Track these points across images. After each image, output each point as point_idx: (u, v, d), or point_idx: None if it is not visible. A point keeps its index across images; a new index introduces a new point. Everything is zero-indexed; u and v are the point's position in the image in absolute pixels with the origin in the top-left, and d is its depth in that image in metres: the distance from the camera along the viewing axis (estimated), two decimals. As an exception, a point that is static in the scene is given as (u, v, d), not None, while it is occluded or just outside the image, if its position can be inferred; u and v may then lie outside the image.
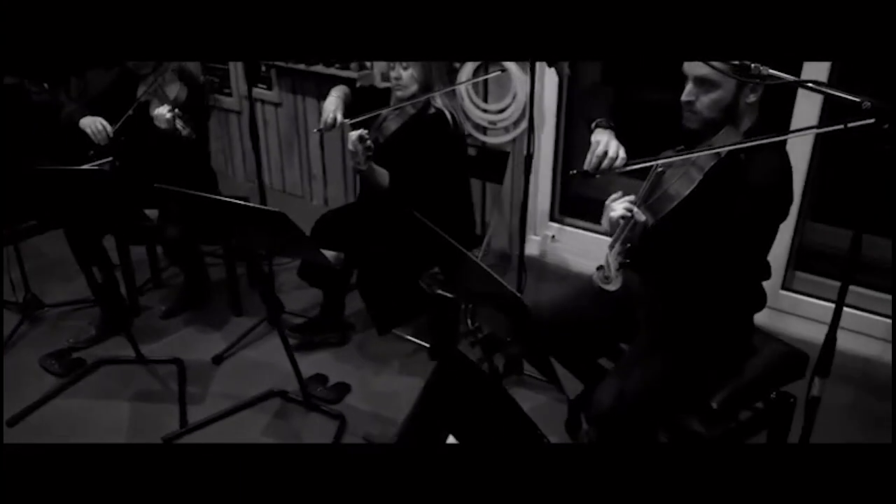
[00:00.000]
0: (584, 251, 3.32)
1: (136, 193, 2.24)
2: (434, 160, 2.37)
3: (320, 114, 2.53)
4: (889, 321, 2.62)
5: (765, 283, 1.87)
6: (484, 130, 3.28)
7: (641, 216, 1.50)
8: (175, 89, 2.71)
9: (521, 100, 3.13)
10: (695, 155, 1.65)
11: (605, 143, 1.73)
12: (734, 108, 1.67)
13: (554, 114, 3.20)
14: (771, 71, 1.46)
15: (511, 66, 3.06)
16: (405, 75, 2.35)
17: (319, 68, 3.62)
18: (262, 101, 4.12)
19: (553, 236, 3.39)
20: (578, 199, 3.48)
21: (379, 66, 3.50)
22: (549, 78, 3.12)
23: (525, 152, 2.64)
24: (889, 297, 2.63)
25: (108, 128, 2.61)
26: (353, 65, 3.52)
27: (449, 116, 2.42)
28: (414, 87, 2.38)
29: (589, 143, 1.78)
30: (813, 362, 1.56)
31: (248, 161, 4.40)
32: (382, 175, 2.30)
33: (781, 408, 1.92)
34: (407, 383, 2.61)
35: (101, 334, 2.83)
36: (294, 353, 2.35)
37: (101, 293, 2.79)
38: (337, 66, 3.56)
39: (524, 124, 3.17)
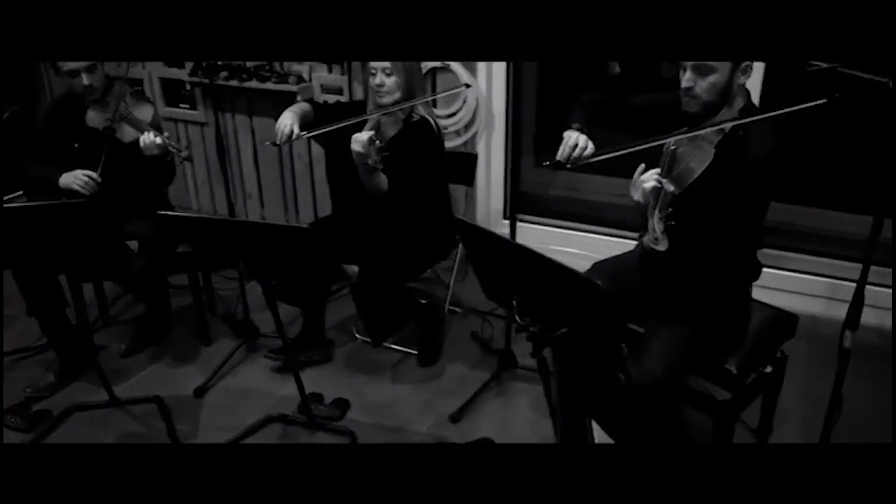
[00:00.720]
0: (541, 245, 3.42)
1: (117, 224, 2.10)
2: (427, 164, 2.39)
3: (253, 131, 2.48)
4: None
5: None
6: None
7: (670, 186, 1.64)
8: (147, 111, 2.57)
9: (470, 104, 3.20)
10: (704, 131, 1.79)
11: (575, 137, 1.91)
12: (729, 89, 1.82)
13: (503, 115, 3.28)
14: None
15: (459, 70, 3.13)
16: (389, 82, 2.35)
17: (253, 84, 3.52)
18: (186, 122, 3.95)
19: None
20: (528, 197, 3.61)
21: (318, 79, 3.45)
22: (496, 80, 3.21)
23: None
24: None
25: (94, 175, 2.45)
26: (291, 78, 3.45)
27: (433, 123, 2.45)
28: (397, 94, 2.38)
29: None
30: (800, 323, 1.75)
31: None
32: (382, 179, 2.29)
33: (779, 366, 2.10)
34: (403, 391, 2.60)
35: (61, 380, 2.62)
36: (288, 375, 2.29)
37: (58, 335, 2.59)
38: (273, 80, 3.48)
39: (475, 127, 3.26)
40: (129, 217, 2.57)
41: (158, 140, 2.42)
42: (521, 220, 3.51)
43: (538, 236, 3.47)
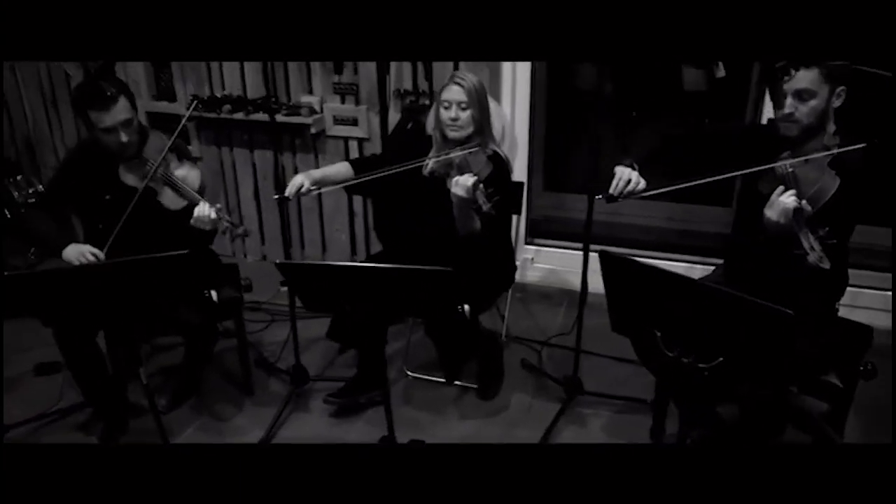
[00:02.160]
0: (562, 268, 3.46)
1: (206, 274, 1.97)
2: (510, 197, 2.37)
3: (254, 165, 2.43)
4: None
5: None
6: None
7: (808, 206, 1.74)
8: (193, 174, 2.39)
9: (497, 130, 3.20)
10: (815, 157, 1.89)
11: (627, 173, 2.01)
12: (826, 113, 1.93)
13: (526, 142, 3.31)
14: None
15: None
16: (464, 116, 2.32)
17: (260, 116, 3.39)
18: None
19: (532, 259, 3.50)
20: (543, 222, 3.64)
21: (330, 110, 3.37)
22: (519, 107, 3.23)
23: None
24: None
25: (100, 256, 2.25)
26: (303, 110, 3.35)
27: (502, 153, 2.44)
28: (470, 129, 2.36)
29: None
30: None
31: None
32: (476, 219, 2.24)
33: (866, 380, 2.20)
34: (474, 427, 2.55)
35: (105, 441, 2.41)
36: (350, 419, 2.22)
37: (102, 396, 2.39)
38: (284, 112, 3.36)
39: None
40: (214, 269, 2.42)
41: (213, 215, 2.24)
42: (542, 246, 3.55)
43: (557, 260, 3.51)
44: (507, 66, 3.14)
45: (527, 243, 3.53)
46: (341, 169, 2.53)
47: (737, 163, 1.96)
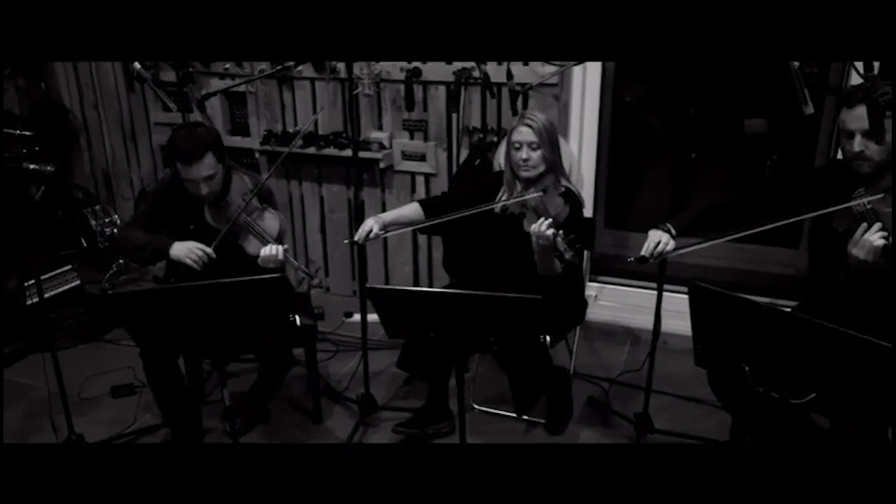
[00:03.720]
0: (625, 306, 3.44)
1: (291, 298, 2.02)
2: (584, 236, 2.39)
3: (322, 199, 2.51)
4: None
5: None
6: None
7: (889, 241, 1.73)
8: (273, 222, 2.46)
9: (564, 166, 3.23)
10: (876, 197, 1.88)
11: (657, 236, 2.16)
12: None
13: (592, 179, 3.33)
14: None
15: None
16: (535, 156, 2.37)
17: (331, 151, 3.49)
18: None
19: (596, 296, 3.49)
20: (606, 259, 3.64)
21: (399, 146, 3.46)
22: (587, 142, 3.27)
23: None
24: None
25: (209, 251, 2.34)
26: (373, 146, 3.44)
27: (574, 190, 2.47)
28: (542, 168, 2.40)
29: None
30: None
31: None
32: (556, 262, 2.26)
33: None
34: (541, 462, 2.53)
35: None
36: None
37: (180, 417, 2.45)
38: (350, 147, 3.45)
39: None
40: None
41: (280, 256, 2.30)
42: (606, 283, 3.54)
43: (621, 297, 3.49)
44: (575, 104, 3.19)
45: (590, 281, 3.52)
46: (412, 211, 2.57)
47: (804, 206, 1.97)
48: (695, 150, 3.80)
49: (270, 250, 2.30)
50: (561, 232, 2.13)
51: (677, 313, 2.27)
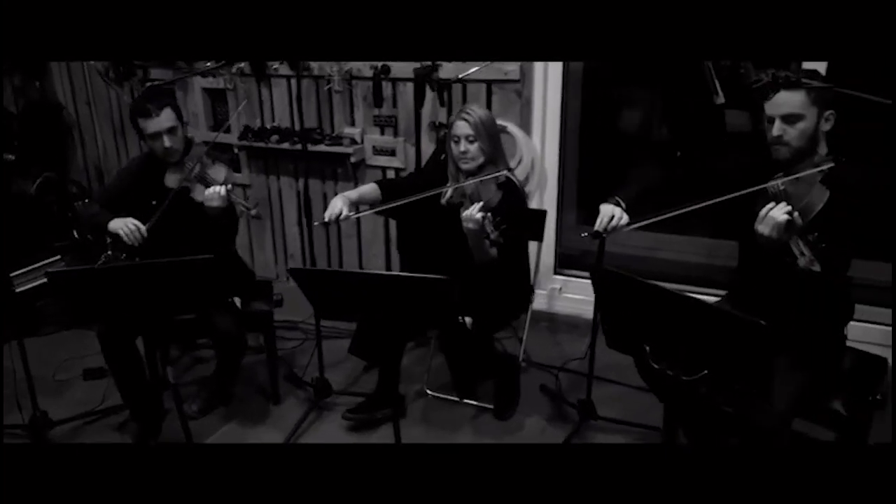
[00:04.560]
0: (591, 299, 3.48)
1: (230, 280, 2.12)
2: (524, 221, 2.46)
3: (298, 193, 2.56)
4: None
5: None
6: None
7: (800, 219, 1.75)
8: (222, 172, 2.61)
9: (526, 163, 3.31)
10: (805, 174, 1.91)
11: (610, 210, 2.17)
12: (816, 135, 1.95)
13: (556, 174, 3.40)
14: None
15: (515, 131, 3.25)
16: (473, 148, 2.44)
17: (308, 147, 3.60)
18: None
19: (560, 289, 3.55)
20: (573, 253, 3.69)
21: (370, 141, 3.55)
22: (549, 140, 3.33)
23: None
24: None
25: (142, 228, 2.47)
26: (345, 140, 3.54)
27: (516, 180, 2.54)
28: (481, 159, 2.47)
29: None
30: None
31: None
32: (488, 248, 2.34)
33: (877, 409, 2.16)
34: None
35: (138, 441, 2.57)
36: (366, 433, 2.40)
37: (139, 399, 2.57)
38: (326, 142, 3.57)
39: (530, 185, 3.36)
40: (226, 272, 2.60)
41: (222, 192, 2.44)
42: (570, 276, 3.60)
43: (586, 291, 3.54)
44: (537, 100, 3.26)
45: (556, 274, 3.58)
46: (371, 189, 2.67)
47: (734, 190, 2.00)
48: (681, 148, 3.82)
49: (215, 188, 2.45)
50: (489, 215, 2.20)
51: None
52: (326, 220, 2.49)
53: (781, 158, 1.99)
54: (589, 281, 3.42)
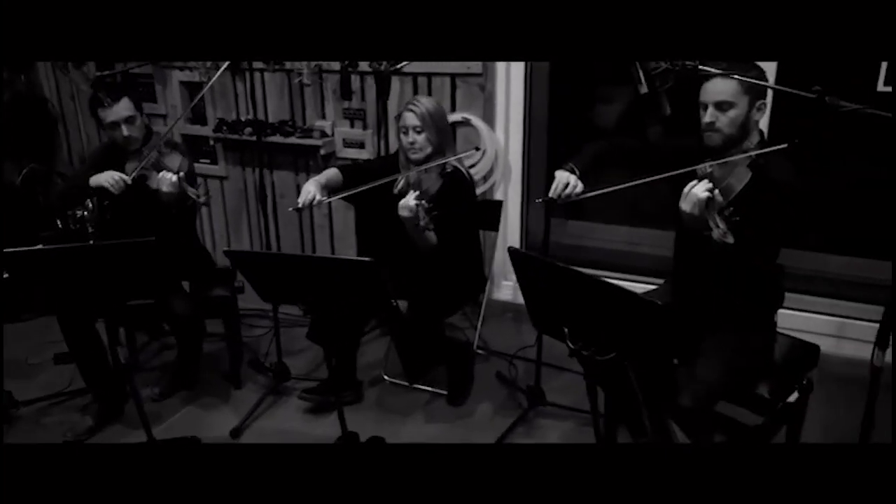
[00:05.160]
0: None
1: (175, 264, 2.19)
2: (467, 211, 2.52)
3: (273, 184, 2.62)
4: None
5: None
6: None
7: (720, 196, 1.79)
8: (177, 160, 2.68)
9: (490, 155, 3.37)
10: (732, 158, 1.97)
11: (565, 177, 2.14)
12: (747, 124, 2.00)
13: (520, 165, 3.45)
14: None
15: (479, 124, 3.31)
16: (420, 139, 2.50)
17: (277, 138, 3.67)
18: (207, 176, 4.08)
19: (525, 280, 3.60)
20: (538, 245, 3.74)
21: (340, 134, 3.62)
22: (513, 132, 3.39)
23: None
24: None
25: (125, 177, 2.55)
26: (315, 133, 3.61)
27: (465, 171, 2.60)
28: (429, 149, 2.53)
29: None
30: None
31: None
32: (431, 235, 2.40)
33: (805, 394, 2.21)
34: (436, 430, 2.66)
35: (99, 423, 2.65)
36: (321, 416, 2.43)
37: (99, 379, 2.65)
38: (297, 135, 3.64)
39: (494, 177, 3.42)
40: (180, 258, 2.67)
41: (173, 179, 2.50)
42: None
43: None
44: (500, 94, 3.31)
45: (522, 265, 3.63)
46: (335, 174, 2.71)
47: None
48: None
49: (166, 174, 2.51)
50: (423, 203, 2.26)
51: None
52: (300, 205, 2.54)
53: (713, 145, 2.03)
54: None
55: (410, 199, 2.27)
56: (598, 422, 2.00)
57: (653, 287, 2.44)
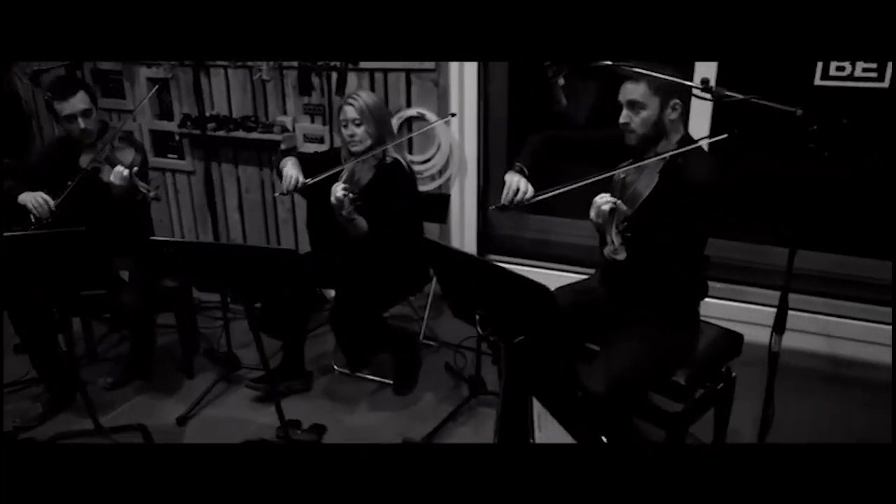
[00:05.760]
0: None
1: (109, 254, 2.25)
2: (401, 201, 2.57)
3: (239, 179, 2.66)
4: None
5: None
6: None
7: (623, 206, 1.82)
8: (129, 155, 2.73)
9: (444, 150, 3.42)
10: (645, 162, 2.00)
11: (515, 182, 2.11)
12: (661, 123, 2.02)
13: (475, 160, 3.50)
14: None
15: (433, 118, 3.35)
16: (359, 132, 2.56)
17: (239, 133, 3.73)
18: (174, 171, 4.14)
19: (482, 273, 3.65)
20: (499, 238, 3.79)
21: (301, 129, 3.67)
22: (468, 127, 3.43)
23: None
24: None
25: (50, 202, 2.59)
26: (275, 128, 3.66)
27: (403, 162, 2.65)
28: (368, 142, 2.59)
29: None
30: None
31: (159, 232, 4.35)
32: (362, 223, 2.46)
33: (727, 382, 2.25)
34: (379, 418, 2.71)
35: (49, 410, 2.71)
36: (268, 404, 2.44)
37: (48, 368, 2.71)
38: (259, 130, 3.69)
39: (449, 172, 3.47)
40: (116, 249, 2.72)
41: (125, 173, 2.55)
42: (493, 261, 3.69)
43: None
44: (454, 88, 3.36)
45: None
46: (295, 163, 2.71)
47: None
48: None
49: (118, 169, 2.57)
50: (350, 195, 2.32)
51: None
52: (285, 191, 2.59)
53: (630, 144, 2.08)
54: (512, 264, 3.63)
55: (338, 189, 2.33)
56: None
57: (585, 277, 2.48)
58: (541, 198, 2.12)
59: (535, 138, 2.34)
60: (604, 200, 1.85)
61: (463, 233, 3.62)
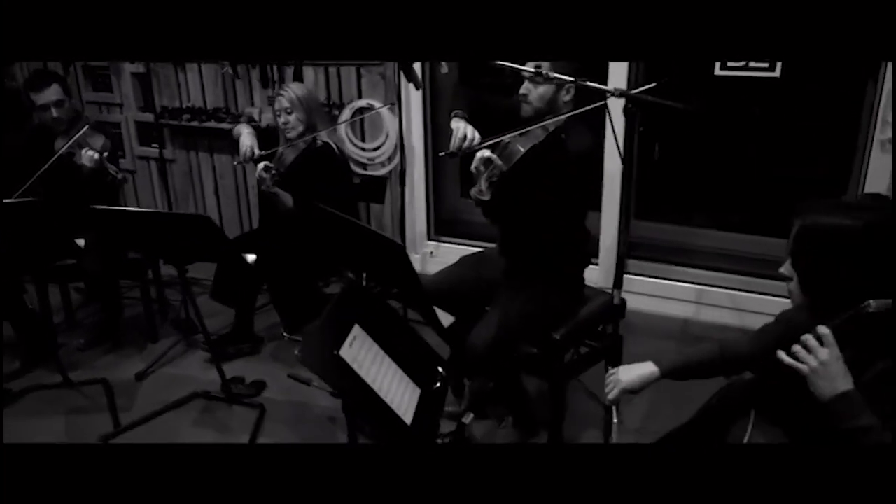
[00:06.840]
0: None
1: (64, 222, 2.58)
2: (327, 181, 2.87)
3: (214, 167, 2.98)
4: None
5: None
6: (364, 166, 3.83)
7: (499, 161, 2.08)
8: (100, 141, 3.06)
9: (393, 138, 3.70)
10: (531, 128, 2.23)
11: (462, 128, 2.16)
12: (555, 101, 2.26)
13: (422, 147, 3.78)
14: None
15: (381, 108, 3.64)
16: (291, 119, 2.87)
17: (211, 124, 4.07)
18: (156, 159, 4.48)
19: (431, 252, 3.94)
20: (450, 222, 4.07)
21: (266, 120, 3.98)
22: (415, 115, 3.72)
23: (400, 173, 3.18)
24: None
25: None
26: (242, 118, 3.96)
27: (334, 147, 2.95)
28: (300, 128, 2.90)
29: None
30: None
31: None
32: (286, 197, 2.78)
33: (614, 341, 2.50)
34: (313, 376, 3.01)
35: (24, 366, 3.06)
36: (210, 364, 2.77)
37: (22, 325, 3.05)
38: (229, 120, 4.02)
39: (397, 159, 3.75)
40: (75, 222, 3.06)
41: (95, 156, 2.88)
42: (443, 241, 3.98)
43: (454, 255, 3.90)
44: (402, 80, 3.64)
45: (429, 239, 3.98)
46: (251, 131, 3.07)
47: None
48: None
49: (87, 152, 2.90)
50: (274, 172, 2.65)
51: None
52: (243, 160, 2.92)
53: (524, 115, 2.29)
54: (457, 246, 3.91)
55: (259, 166, 2.65)
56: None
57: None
58: (487, 144, 2.15)
59: (466, 90, 2.51)
60: (482, 151, 2.10)
61: (414, 216, 3.90)
